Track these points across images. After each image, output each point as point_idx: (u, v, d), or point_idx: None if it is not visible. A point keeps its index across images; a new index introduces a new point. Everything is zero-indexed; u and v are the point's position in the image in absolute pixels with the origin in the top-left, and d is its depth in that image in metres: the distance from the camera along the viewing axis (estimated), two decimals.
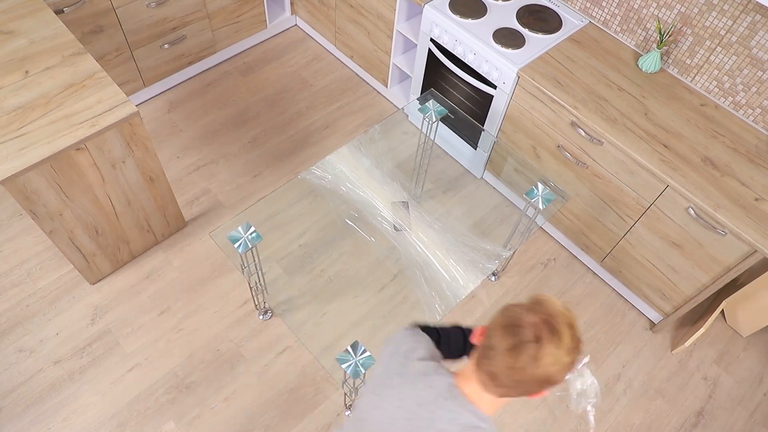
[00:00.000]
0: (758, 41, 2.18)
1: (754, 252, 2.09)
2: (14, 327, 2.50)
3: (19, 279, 2.62)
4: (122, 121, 2.10)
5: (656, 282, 2.55)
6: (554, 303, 1.08)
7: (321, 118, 3.36)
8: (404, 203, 2.46)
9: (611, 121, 2.31)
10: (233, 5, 3.30)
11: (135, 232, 2.59)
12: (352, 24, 3.27)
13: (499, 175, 3.01)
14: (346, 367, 1.74)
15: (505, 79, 2.54)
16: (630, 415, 2.49)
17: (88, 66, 2.21)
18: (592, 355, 2.63)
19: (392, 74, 3.30)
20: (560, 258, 2.93)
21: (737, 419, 2.52)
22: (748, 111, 2.34)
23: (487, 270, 2.27)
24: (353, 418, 1.34)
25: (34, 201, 2.08)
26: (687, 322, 2.77)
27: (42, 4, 2.38)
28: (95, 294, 2.62)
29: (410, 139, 3.06)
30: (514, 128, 2.71)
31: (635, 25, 2.53)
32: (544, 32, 2.61)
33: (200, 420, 2.33)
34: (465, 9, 2.67)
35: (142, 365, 2.44)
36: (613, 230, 2.57)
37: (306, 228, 2.68)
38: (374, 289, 2.70)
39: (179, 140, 3.17)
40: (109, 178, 2.26)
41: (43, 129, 2.03)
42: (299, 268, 2.58)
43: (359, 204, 2.41)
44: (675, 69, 2.49)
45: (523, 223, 2.38)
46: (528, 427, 2.42)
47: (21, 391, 2.34)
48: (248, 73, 3.52)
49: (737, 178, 2.18)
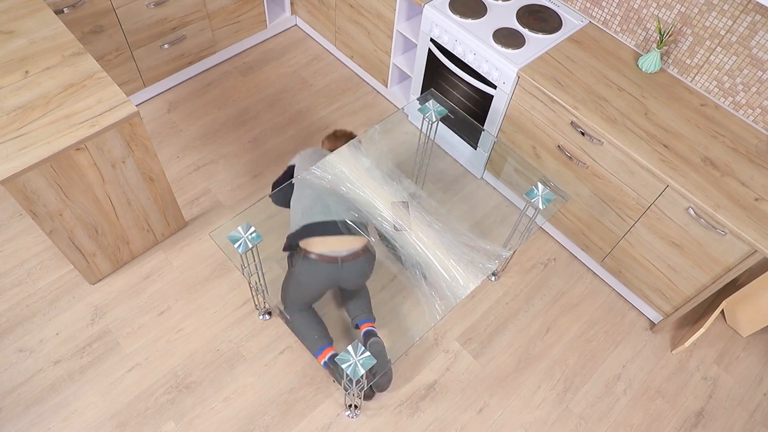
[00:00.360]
0: (758, 41, 2.18)
1: (754, 252, 2.09)
2: (14, 327, 2.50)
3: (19, 279, 2.62)
4: (122, 121, 2.10)
5: (656, 282, 2.55)
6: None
7: (321, 118, 3.36)
8: (404, 203, 2.46)
9: (611, 121, 2.31)
10: (233, 5, 3.30)
11: (135, 232, 2.59)
12: (352, 24, 3.27)
13: (499, 175, 3.01)
14: (346, 367, 1.74)
15: (505, 79, 2.54)
16: (630, 415, 2.49)
17: (88, 66, 2.21)
18: (592, 354, 2.63)
19: (392, 74, 3.30)
20: (560, 258, 2.93)
21: (737, 419, 2.52)
22: (748, 111, 2.34)
23: (487, 270, 2.27)
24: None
25: (34, 201, 2.08)
26: (687, 322, 2.77)
27: (42, 4, 2.38)
28: (95, 294, 2.62)
29: (410, 139, 3.06)
30: (514, 128, 2.71)
31: (635, 25, 2.53)
32: (544, 32, 2.61)
33: (200, 420, 2.33)
34: (465, 9, 2.67)
35: (142, 365, 2.44)
36: (613, 230, 2.57)
37: None
38: (374, 289, 2.70)
39: (179, 140, 3.17)
40: (109, 178, 2.26)
41: (43, 129, 2.03)
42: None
43: (359, 204, 2.40)
44: (675, 69, 2.49)
45: (522, 223, 2.38)
46: (528, 427, 2.42)
47: (21, 391, 2.34)
48: (248, 73, 3.52)
49: (737, 178, 2.18)
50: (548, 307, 2.76)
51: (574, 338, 2.68)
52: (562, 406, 2.49)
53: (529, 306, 2.75)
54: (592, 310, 2.77)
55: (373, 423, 2.38)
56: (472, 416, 2.43)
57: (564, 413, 2.47)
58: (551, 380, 2.55)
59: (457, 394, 2.48)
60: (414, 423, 2.39)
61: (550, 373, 2.57)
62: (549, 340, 2.66)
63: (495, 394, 2.49)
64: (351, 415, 2.37)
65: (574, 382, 2.56)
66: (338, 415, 2.38)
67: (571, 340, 2.67)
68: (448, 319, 2.68)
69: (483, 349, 2.61)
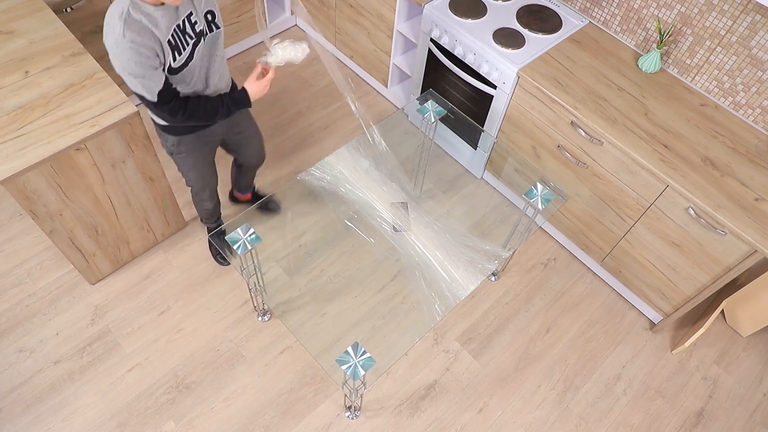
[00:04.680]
0: (758, 41, 2.18)
1: (754, 252, 2.09)
2: (14, 327, 2.50)
3: (19, 279, 2.63)
4: (122, 121, 2.10)
5: (656, 282, 2.55)
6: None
7: (321, 118, 3.36)
8: (403, 204, 2.46)
9: (611, 121, 2.31)
10: (233, 5, 3.30)
11: (135, 232, 2.59)
12: (352, 24, 3.27)
13: (499, 175, 3.01)
14: (345, 368, 1.74)
15: (505, 80, 2.54)
16: (630, 415, 2.49)
17: (88, 66, 2.21)
18: (592, 354, 2.63)
19: (392, 74, 3.30)
20: (560, 258, 2.92)
21: (737, 419, 2.52)
22: (748, 111, 2.34)
23: (487, 270, 2.27)
24: None
25: (34, 201, 2.08)
26: (687, 322, 2.77)
27: (42, 4, 2.38)
28: (95, 294, 2.62)
29: (410, 139, 3.05)
30: (514, 128, 2.71)
31: (635, 25, 2.53)
32: (544, 32, 2.61)
33: (200, 420, 2.33)
34: (465, 9, 2.67)
35: (142, 365, 2.44)
36: (613, 230, 2.57)
37: (306, 228, 2.68)
38: (374, 289, 2.70)
39: None
40: (109, 178, 2.26)
41: (43, 129, 2.03)
42: (299, 268, 2.58)
43: (358, 205, 2.41)
44: (675, 69, 2.49)
45: (522, 223, 2.38)
46: (528, 427, 2.42)
47: (21, 391, 2.34)
48: (248, 73, 3.51)
49: (737, 178, 2.18)
50: (548, 307, 2.76)
51: (574, 338, 2.68)
52: (562, 406, 2.49)
53: (529, 306, 2.75)
54: (592, 310, 2.77)
55: (373, 423, 2.38)
56: (472, 416, 2.43)
57: (564, 413, 2.47)
58: (551, 380, 2.55)
59: (457, 394, 2.48)
60: (414, 423, 2.39)
61: (550, 373, 2.57)
62: (549, 340, 2.66)
63: (495, 394, 2.49)
64: (351, 416, 2.37)
65: (574, 382, 2.56)
66: (338, 415, 2.38)
67: (571, 340, 2.67)
68: (448, 319, 2.68)
69: (483, 349, 2.61)
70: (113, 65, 1.68)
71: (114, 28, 1.62)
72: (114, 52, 1.66)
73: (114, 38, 1.63)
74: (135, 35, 1.62)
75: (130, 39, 1.62)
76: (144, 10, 1.64)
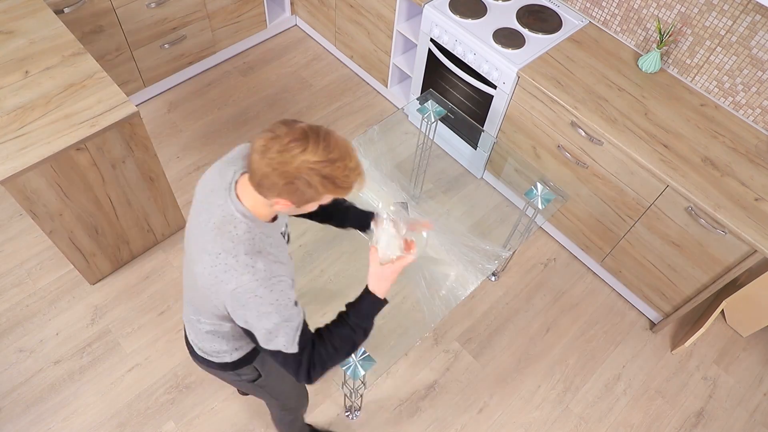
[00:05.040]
0: (758, 41, 2.18)
1: (754, 252, 2.09)
2: (14, 327, 2.50)
3: (19, 279, 2.63)
4: (122, 121, 2.10)
5: (656, 282, 2.55)
6: (333, 134, 1.15)
7: (321, 118, 3.36)
8: (403, 204, 2.46)
9: (611, 121, 2.31)
10: (233, 5, 3.30)
11: (135, 232, 2.59)
12: (352, 24, 3.27)
13: (499, 175, 3.01)
14: (345, 368, 1.74)
15: (505, 79, 2.54)
16: (630, 415, 2.49)
17: (88, 66, 2.21)
18: (592, 354, 2.63)
19: (392, 74, 3.30)
20: (560, 258, 2.92)
21: (737, 419, 2.52)
22: (748, 111, 2.34)
23: (487, 270, 2.27)
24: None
25: (34, 201, 2.08)
26: (687, 322, 2.77)
27: (42, 4, 2.38)
28: (95, 294, 2.62)
29: (410, 139, 3.05)
30: (514, 128, 2.71)
31: (635, 25, 2.53)
32: (544, 32, 2.61)
33: (200, 420, 2.33)
34: (465, 9, 2.67)
35: (142, 365, 2.44)
36: (613, 230, 2.57)
37: (305, 228, 2.68)
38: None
39: (179, 140, 3.17)
40: (109, 178, 2.26)
41: (43, 129, 2.03)
42: (299, 268, 2.58)
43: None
44: (675, 69, 2.49)
45: (522, 223, 2.38)
46: (528, 427, 2.42)
47: (21, 391, 2.34)
48: (248, 73, 3.52)
49: (737, 178, 2.18)
50: (548, 307, 2.76)
51: (574, 338, 2.68)
52: (562, 406, 2.49)
53: (529, 306, 2.75)
54: (592, 310, 2.77)
55: (373, 423, 2.38)
56: (472, 416, 2.43)
57: (564, 413, 2.47)
58: (551, 380, 2.55)
59: (457, 394, 2.48)
60: (414, 423, 2.39)
61: (550, 373, 2.57)
62: (549, 340, 2.66)
63: (495, 394, 2.49)
64: (351, 416, 2.37)
65: (574, 382, 2.56)
66: (338, 416, 2.38)
67: (571, 340, 2.67)
68: (448, 319, 2.68)
69: (483, 349, 2.61)
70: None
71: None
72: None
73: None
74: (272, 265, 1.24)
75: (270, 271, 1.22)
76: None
